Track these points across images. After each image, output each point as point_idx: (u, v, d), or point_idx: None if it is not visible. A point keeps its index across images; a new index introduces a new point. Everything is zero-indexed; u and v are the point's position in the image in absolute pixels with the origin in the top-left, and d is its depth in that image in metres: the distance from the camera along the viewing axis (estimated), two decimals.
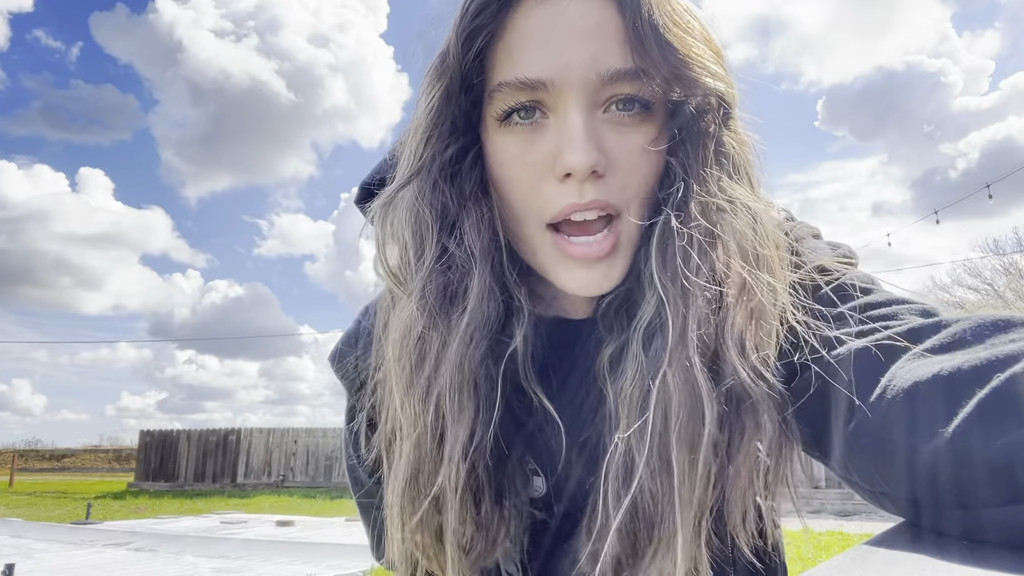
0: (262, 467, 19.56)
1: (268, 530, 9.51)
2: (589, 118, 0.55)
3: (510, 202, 0.59)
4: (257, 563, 6.60)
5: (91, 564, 6.55)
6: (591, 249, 0.57)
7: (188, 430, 20.50)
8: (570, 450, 0.62)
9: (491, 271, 0.58)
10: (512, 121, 0.58)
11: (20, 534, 8.74)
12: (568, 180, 0.55)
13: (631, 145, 0.57)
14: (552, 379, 0.62)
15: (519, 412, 0.60)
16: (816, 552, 7.45)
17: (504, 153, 0.59)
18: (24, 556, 6.93)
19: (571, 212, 0.56)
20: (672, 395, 0.51)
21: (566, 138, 0.55)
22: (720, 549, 0.55)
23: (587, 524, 0.55)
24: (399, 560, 0.63)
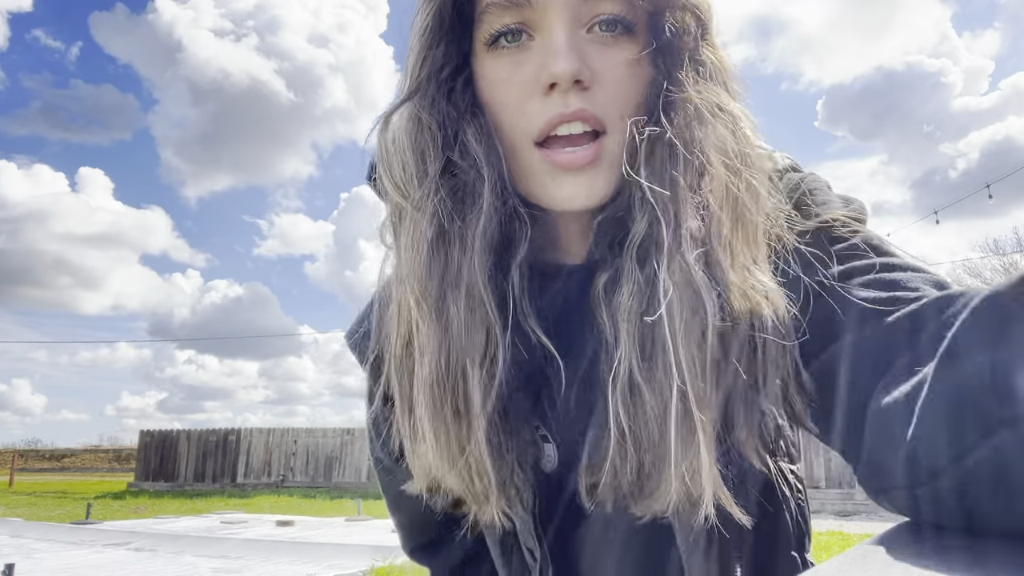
0: (262, 467, 19.56)
1: (268, 530, 9.51)
2: (572, 34, 0.57)
3: (500, 124, 0.60)
4: (257, 563, 6.60)
5: (91, 564, 6.55)
6: (576, 156, 0.57)
7: (188, 430, 20.52)
8: (572, 398, 0.62)
9: (498, 177, 0.59)
10: (499, 45, 0.60)
11: (20, 534, 8.75)
12: (553, 92, 0.57)
13: (615, 61, 0.58)
14: (548, 321, 0.61)
15: (520, 354, 0.59)
16: (816, 552, 7.43)
17: (493, 75, 0.60)
18: (24, 556, 6.93)
19: (558, 123, 0.57)
20: (672, 295, 0.51)
21: (550, 50, 0.56)
22: (730, 474, 0.55)
23: (590, 452, 0.55)
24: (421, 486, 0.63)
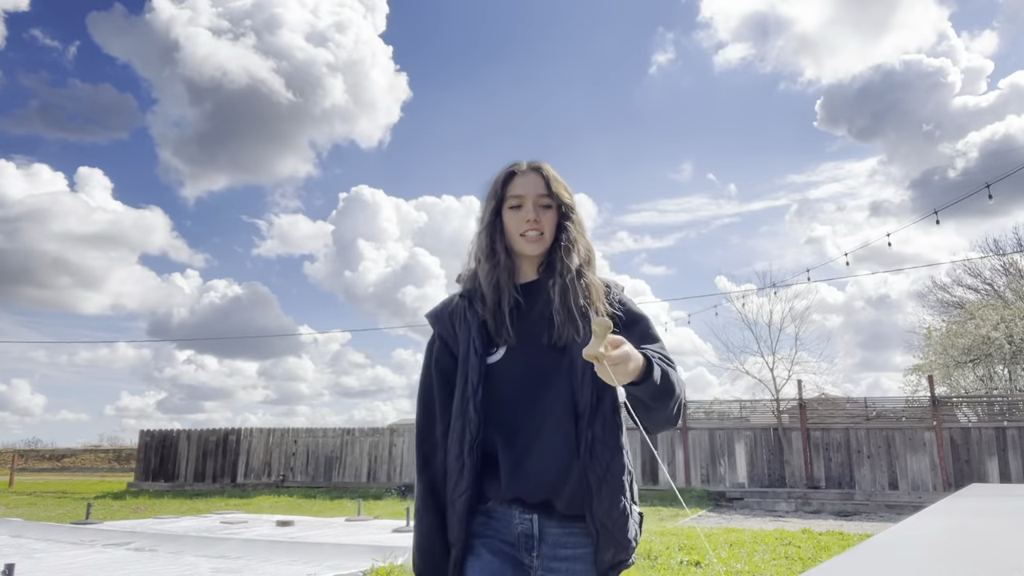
0: (262, 467, 19.56)
1: (268, 530, 9.51)
2: (533, 207, 1.63)
3: (510, 231, 1.65)
4: (257, 563, 6.60)
5: (91, 564, 6.55)
6: (535, 239, 1.63)
7: (188, 430, 20.50)
8: (525, 326, 1.60)
9: (507, 243, 1.66)
10: (510, 206, 1.65)
11: (20, 534, 8.74)
12: (528, 223, 1.63)
13: (548, 215, 1.64)
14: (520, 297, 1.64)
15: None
16: (816, 552, 7.45)
17: (509, 217, 1.65)
18: (24, 556, 6.93)
19: (528, 229, 1.63)
20: (571, 278, 1.59)
21: (529, 212, 1.63)
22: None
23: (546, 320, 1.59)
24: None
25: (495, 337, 1.57)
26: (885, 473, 14.70)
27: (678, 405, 1.52)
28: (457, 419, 1.55)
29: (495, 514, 1.55)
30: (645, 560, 6.70)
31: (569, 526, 1.53)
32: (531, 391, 1.55)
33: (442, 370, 1.63)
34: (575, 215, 1.65)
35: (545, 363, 1.56)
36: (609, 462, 1.51)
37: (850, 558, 1.74)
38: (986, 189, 11.63)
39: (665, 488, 15.88)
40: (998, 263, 24.57)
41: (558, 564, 1.53)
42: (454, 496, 1.53)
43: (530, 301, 1.60)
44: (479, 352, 1.56)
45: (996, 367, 22.67)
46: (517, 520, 1.53)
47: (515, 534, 1.54)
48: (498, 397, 1.55)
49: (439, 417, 1.61)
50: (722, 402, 18.10)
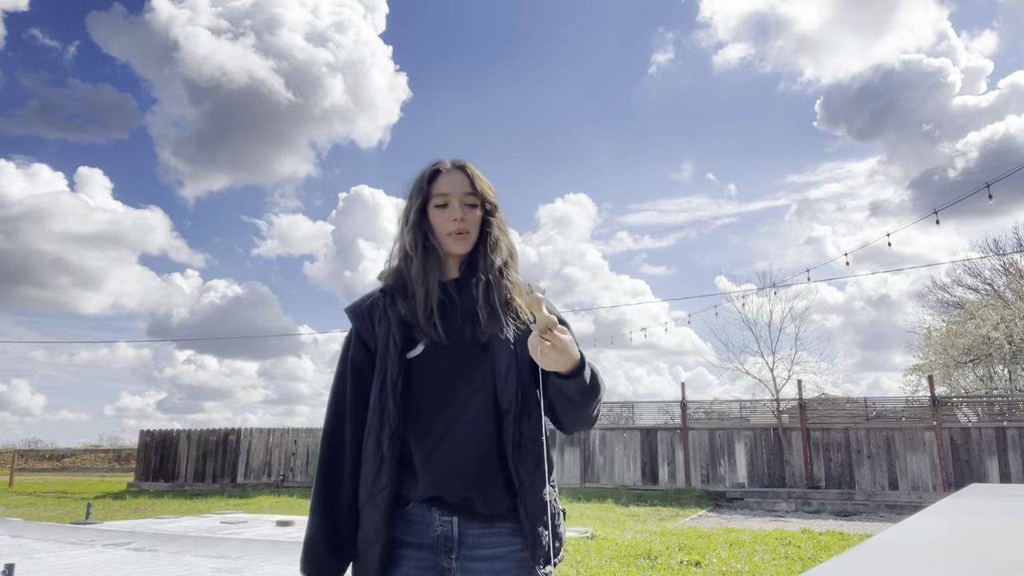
0: (262, 467, 19.56)
1: (268, 530, 9.51)
2: (460, 204, 1.63)
3: (437, 229, 1.64)
4: (257, 563, 6.60)
5: (91, 564, 6.55)
6: (461, 238, 1.63)
7: (188, 430, 20.50)
8: (455, 318, 1.60)
9: (434, 241, 1.64)
10: (436, 204, 1.64)
11: (20, 534, 8.74)
12: (455, 222, 1.62)
13: (472, 214, 1.64)
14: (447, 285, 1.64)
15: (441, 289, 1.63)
16: (816, 552, 7.45)
17: (435, 215, 1.64)
18: (24, 556, 6.93)
19: (455, 228, 1.62)
20: (493, 279, 1.62)
21: (455, 210, 1.62)
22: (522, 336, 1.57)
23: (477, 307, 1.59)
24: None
25: (417, 333, 1.55)
26: (885, 473, 14.70)
27: (599, 407, 1.54)
28: (375, 414, 1.52)
29: (414, 517, 1.51)
30: (645, 560, 6.70)
31: (490, 526, 1.50)
32: (452, 388, 1.53)
33: (356, 367, 1.60)
34: (498, 214, 1.68)
35: (467, 360, 1.54)
36: (539, 460, 1.51)
37: (850, 558, 1.74)
38: (986, 189, 11.62)
39: (665, 488, 15.88)
40: (998, 263, 24.58)
41: (476, 564, 1.49)
42: (374, 492, 1.49)
43: (452, 299, 1.60)
44: (399, 347, 1.54)
45: (996, 367, 22.67)
46: (437, 523, 1.50)
47: (434, 537, 1.50)
48: (417, 394, 1.53)
49: (348, 415, 1.57)
50: (722, 402, 18.12)
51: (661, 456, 16.40)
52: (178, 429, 20.68)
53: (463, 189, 1.62)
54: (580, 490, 16.09)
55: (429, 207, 1.64)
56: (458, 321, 1.57)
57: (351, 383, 1.59)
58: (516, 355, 1.54)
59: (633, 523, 10.69)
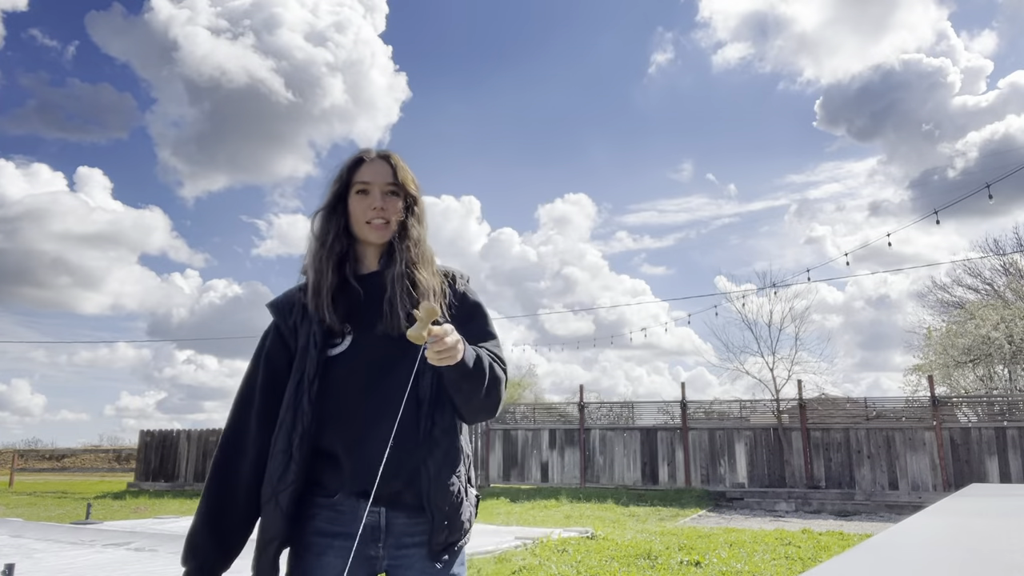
0: None
1: None
2: (381, 193, 1.63)
3: (355, 217, 1.63)
4: None
5: (91, 564, 6.54)
6: (380, 227, 1.62)
7: (188, 430, 20.49)
8: (368, 310, 1.59)
9: (344, 233, 1.64)
10: (356, 191, 1.64)
11: (20, 534, 8.74)
12: (374, 211, 1.62)
13: (393, 204, 1.64)
14: (361, 281, 1.63)
15: (349, 288, 1.62)
16: (816, 552, 7.45)
17: (355, 203, 1.64)
18: (24, 556, 6.93)
19: (374, 217, 1.62)
20: (407, 270, 1.60)
21: (375, 199, 1.63)
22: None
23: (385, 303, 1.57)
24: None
25: (328, 324, 1.54)
26: (885, 473, 14.70)
27: (495, 393, 1.53)
28: (288, 411, 1.51)
29: (342, 507, 1.51)
30: (645, 560, 6.70)
31: (415, 515, 1.52)
32: (371, 382, 1.53)
33: (271, 363, 1.59)
34: (419, 206, 1.67)
35: (386, 353, 1.53)
36: (448, 447, 1.54)
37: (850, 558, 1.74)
38: (986, 189, 11.62)
39: (665, 488, 15.88)
40: (998, 263, 24.57)
41: (402, 552, 1.52)
42: (278, 490, 1.48)
43: (370, 291, 1.57)
44: (318, 345, 1.53)
45: (996, 367, 22.67)
46: (365, 513, 1.49)
47: (361, 527, 1.50)
48: (338, 390, 1.52)
49: (256, 413, 1.56)
50: (722, 402, 18.11)
51: (661, 456, 16.40)
52: (178, 429, 20.68)
53: (385, 178, 1.62)
54: (580, 490, 16.09)
55: (349, 194, 1.62)
56: (374, 314, 1.55)
57: (263, 380, 1.58)
58: None
59: (633, 523, 10.69)
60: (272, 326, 1.64)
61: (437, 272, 1.64)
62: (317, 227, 1.63)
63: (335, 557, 1.49)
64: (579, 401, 17.82)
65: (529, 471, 17.41)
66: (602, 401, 23.56)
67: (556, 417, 19.58)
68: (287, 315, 1.61)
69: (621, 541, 7.98)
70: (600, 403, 21.03)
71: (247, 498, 1.54)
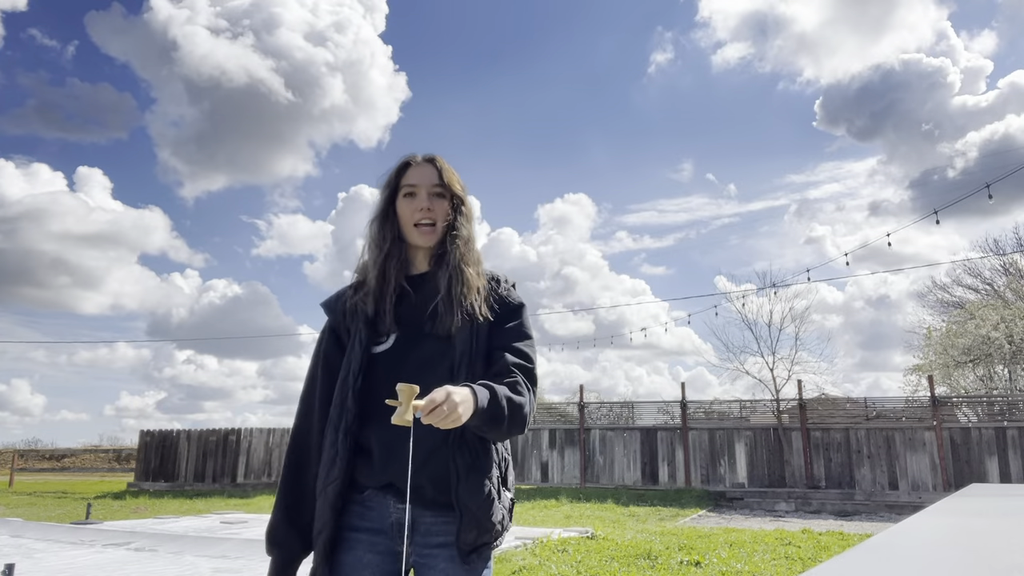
0: (262, 467, 19.55)
1: None
2: (427, 196, 1.69)
3: (403, 220, 1.70)
4: (257, 563, 6.59)
5: (91, 564, 6.55)
6: (427, 229, 1.68)
7: (188, 430, 20.49)
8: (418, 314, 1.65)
9: (398, 238, 1.71)
10: (404, 194, 1.71)
11: (20, 534, 8.74)
12: (421, 212, 1.69)
13: (440, 205, 1.70)
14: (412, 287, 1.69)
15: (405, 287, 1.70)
16: (816, 552, 7.45)
17: (403, 206, 1.71)
18: (24, 556, 6.93)
19: (421, 218, 1.68)
20: (455, 272, 1.65)
21: (422, 200, 1.69)
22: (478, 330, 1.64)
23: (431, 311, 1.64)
24: None
25: (380, 326, 1.61)
26: (885, 473, 14.70)
27: (518, 420, 1.54)
28: (335, 408, 1.58)
29: (370, 503, 1.58)
30: (645, 560, 6.70)
31: (442, 514, 1.57)
32: (414, 380, 1.54)
33: (328, 361, 1.67)
34: (465, 207, 1.73)
35: (429, 352, 1.60)
36: (479, 449, 1.58)
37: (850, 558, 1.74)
38: (986, 189, 11.62)
39: (665, 488, 15.88)
40: (998, 263, 24.57)
41: (431, 551, 1.56)
42: (326, 484, 1.56)
43: (419, 292, 1.66)
44: (364, 342, 1.61)
45: (996, 367, 22.67)
46: (391, 510, 1.56)
47: (389, 523, 1.57)
48: (380, 386, 1.55)
49: (318, 409, 1.64)
50: (722, 402, 18.11)
51: (661, 456, 16.40)
52: (178, 429, 20.68)
53: (431, 180, 1.69)
54: (580, 490, 16.09)
55: (398, 198, 1.70)
56: (422, 314, 1.63)
57: (322, 377, 1.66)
58: (471, 348, 1.59)
59: (633, 523, 10.69)
60: (327, 326, 1.71)
61: (483, 273, 1.71)
62: (374, 233, 1.71)
63: (364, 551, 1.56)
64: (579, 401, 17.82)
65: (529, 471, 17.41)
66: (602, 401, 23.56)
67: (556, 417, 19.58)
68: (339, 314, 1.69)
69: (621, 541, 7.98)
70: (600, 403, 21.03)
71: (314, 492, 1.63)
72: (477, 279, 1.67)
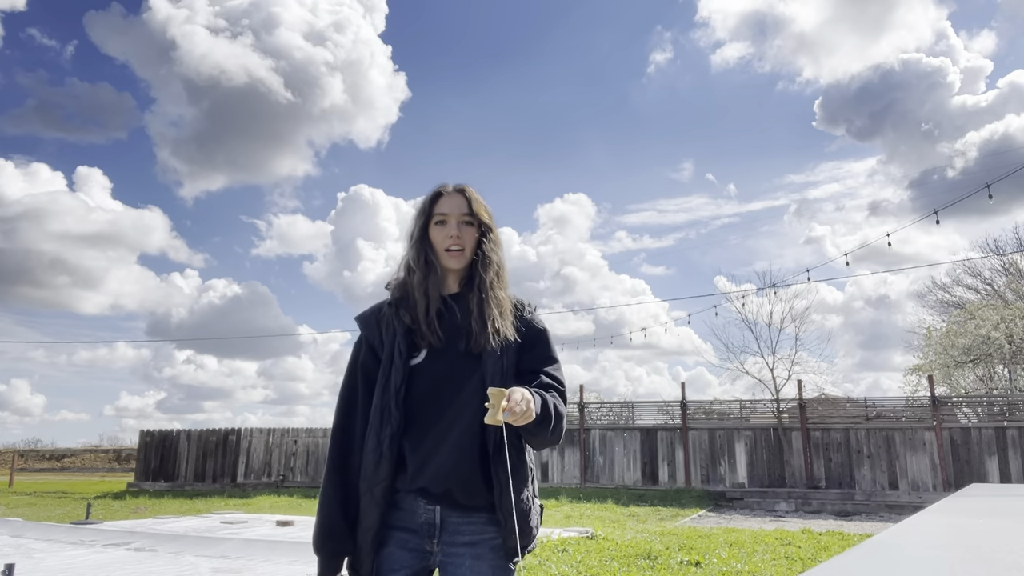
0: (262, 467, 19.55)
1: (268, 530, 9.50)
2: (457, 223, 1.83)
3: (436, 246, 1.84)
4: (257, 563, 6.59)
5: (91, 564, 6.55)
6: (456, 253, 1.82)
7: (188, 430, 20.50)
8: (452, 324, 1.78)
9: (433, 256, 1.84)
10: (436, 222, 1.85)
11: (20, 534, 8.73)
12: (451, 239, 1.82)
13: (469, 233, 1.84)
14: (444, 310, 1.81)
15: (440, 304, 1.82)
16: (816, 552, 7.45)
17: (435, 232, 1.85)
18: (24, 556, 6.93)
19: (451, 244, 1.82)
20: (488, 291, 1.81)
21: (452, 228, 1.83)
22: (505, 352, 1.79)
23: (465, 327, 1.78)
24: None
25: (418, 340, 1.76)
26: (885, 473, 14.70)
27: (559, 428, 1.73)
28: (376, 415, 1.72)
29: (402, 504, 1.73)
30: (645, 560, 6.70)
31: (469, 515, 1.71)
32: (446, 393, 1.73)
33: (365, 371, 1.81)
34: (492, 234, 1.89)
35: (461, 368, 1.75)
36: (516, 461, 1.72)
37: (850, 558, 1.74)
38: (986, 189, 11.62)
39: (665, 488, 15.88)
40: (998, 263, 24.58)
41: (458, 549, 1.70)
42: (372, 485, 1.70)
43: (451, 311, 1.80)
44: (403, 355, 1.75)
45: (996, 367, 22.67)
46: (421, 510, 1.71)
47: (419, 523, 1.71)
48: (416, 397, 1.73)
49: (359, 414, 1.78)
50: (722, 402, 18.11)
51: (661, 456, 16.40)
52: (178, 429, 20.69)
53: (461, 210, 1.84)
54: (580, 490, 16.09)
55: (431, 225, 1.85)
56: (454, 332, 1.77)
57: (361, 385, 1.80)
58: (502, 366, 1.74)
59: (633, 523, 10.69)
60: (362, 338, 1.86)
61: (510, 297, 1.86)
62: (412, 257, 1.85)
63: (395, 548, 1.71)
64: (579, 401, 17.82)
65: None
66: (602, 401, 23.55)
67: None
68: (374, 328, 1.83)
69: (621, 541, 7.98)
70: (600, 403, 21.02)
71: (356, 491, 1.77)
72: (506, 301, 1.82)
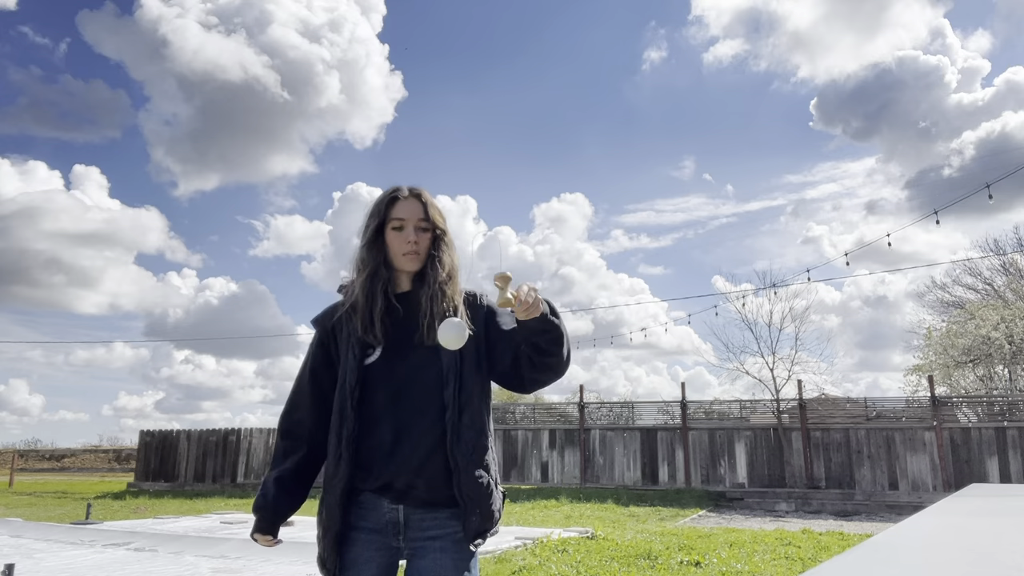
0: (262, 467, 19.54)
1: None
2: (415, 229, 1.84)
3: (392, 249, 1.85)
4: (257, 563, 6.60)
5: (91, 564, 6.54)
6: (412, 257, 1.84)
7: (188, 430, 20.49)
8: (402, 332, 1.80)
9: (384, 263, 1.85)
10: (392, 227, 1.85)
11: (20, 534, 8.73)
12: (408, 244, 1.83)
13: (424, 238, 1.86)
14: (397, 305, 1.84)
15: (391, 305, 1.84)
16: (816, 552, 7.45)
17: (391, 236, 1.85)
18: (24, 556, 6.93)
19: (408, 250, 1.83)
20: (437, 290, 1.81)
21: (409, 234, 1.83)
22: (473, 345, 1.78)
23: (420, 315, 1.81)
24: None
25: (368, 339, 1.79)
26: (885, 473, 14.70)
27: (567, 355, 1.77)
28: (336, 416, 1.78)
29: (366, 504, 1.77)
30: (645, 560, 6.70)
31: (432, 511, 1.75)
32: (404, 388, 1.77)
33: (315, 371, 1.87)
34: (446, 236, 1.93)
35: (417, 362, 1.78)
36: (475, 443, 1.76)
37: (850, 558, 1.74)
38: (986, 189, 11.62)
39: (665, 488, 15.88)
40: (997, 262, 24.58)
41: (423, 543, 1.75)
42: (332, 484, 1.75)
43: (405, 308, 1.84)
44: (357, 357, 1.78)
45: (996, 367, 22.67)
46: (385, 509, 1.75)
47: (384, 522, 1.76)
48: (372, 395, 1.76)
49: (307, 404, 1.86)
50: (722, 402, 18.11)
51: (661, 456, 16.40)
52: (178, 429, 20.68)
53: (417, 215, 1.86)
54: (580, 490, 16.09)
55: (386, 228, 1.87)
56: (408, 328, 1.81)
57: (310, 382, 1.88)
58: (458, 355, 1.76)
59: (633, 523, 10.69)
60: (316, 339, 1.91)
61: (461, 292, 1.89)
62: (363, 257, 1.87)
63: (362, 548, 1.76)
64: (579, 401, 17.82)
65: (529, 471, 17.41)
66: (602, 401, 23.56)
67: (556, 417, 19.58)
68: (328, 329, 1.87)
69: (621, 541, 7.98)
70: (600, 403, 21.04)
71: (306, 474, 1.87)
72: (457, 297, 1.85)
